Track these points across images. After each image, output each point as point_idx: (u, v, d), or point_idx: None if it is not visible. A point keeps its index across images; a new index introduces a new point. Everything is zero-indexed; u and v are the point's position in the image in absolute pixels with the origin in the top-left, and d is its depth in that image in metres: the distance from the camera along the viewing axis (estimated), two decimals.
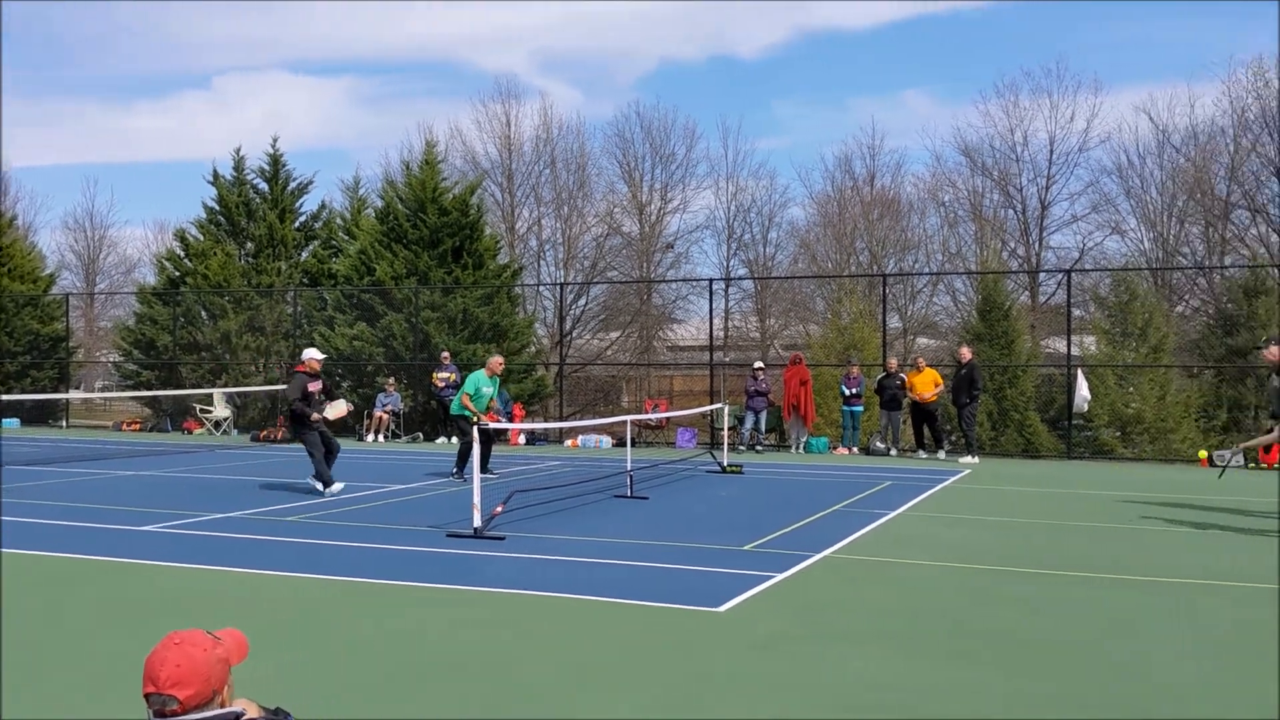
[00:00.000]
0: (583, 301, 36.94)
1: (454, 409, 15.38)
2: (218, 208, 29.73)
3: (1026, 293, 34.76)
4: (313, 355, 13.88)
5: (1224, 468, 14.30)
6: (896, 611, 6.96)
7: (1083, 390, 20.34)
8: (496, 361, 15.20)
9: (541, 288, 36.62)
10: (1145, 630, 6.49)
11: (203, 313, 28.65)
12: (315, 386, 13.54)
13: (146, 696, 2.63)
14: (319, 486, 13.08)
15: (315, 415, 13.18)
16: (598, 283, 37.65)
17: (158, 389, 27.45)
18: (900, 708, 4.95)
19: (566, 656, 5.82)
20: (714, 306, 25.40)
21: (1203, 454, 19.36)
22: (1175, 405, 21.74)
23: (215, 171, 29.83)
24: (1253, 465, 18.60)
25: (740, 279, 39.01)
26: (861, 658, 5.79)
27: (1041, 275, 34.90)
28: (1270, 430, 10.97)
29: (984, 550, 9.40)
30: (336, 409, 13.67)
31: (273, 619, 6.67)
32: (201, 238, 29.52)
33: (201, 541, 9.62)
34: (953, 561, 8.80)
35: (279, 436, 23.13)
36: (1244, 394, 21.86)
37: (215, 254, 28.68)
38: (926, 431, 19.98)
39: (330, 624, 6.59)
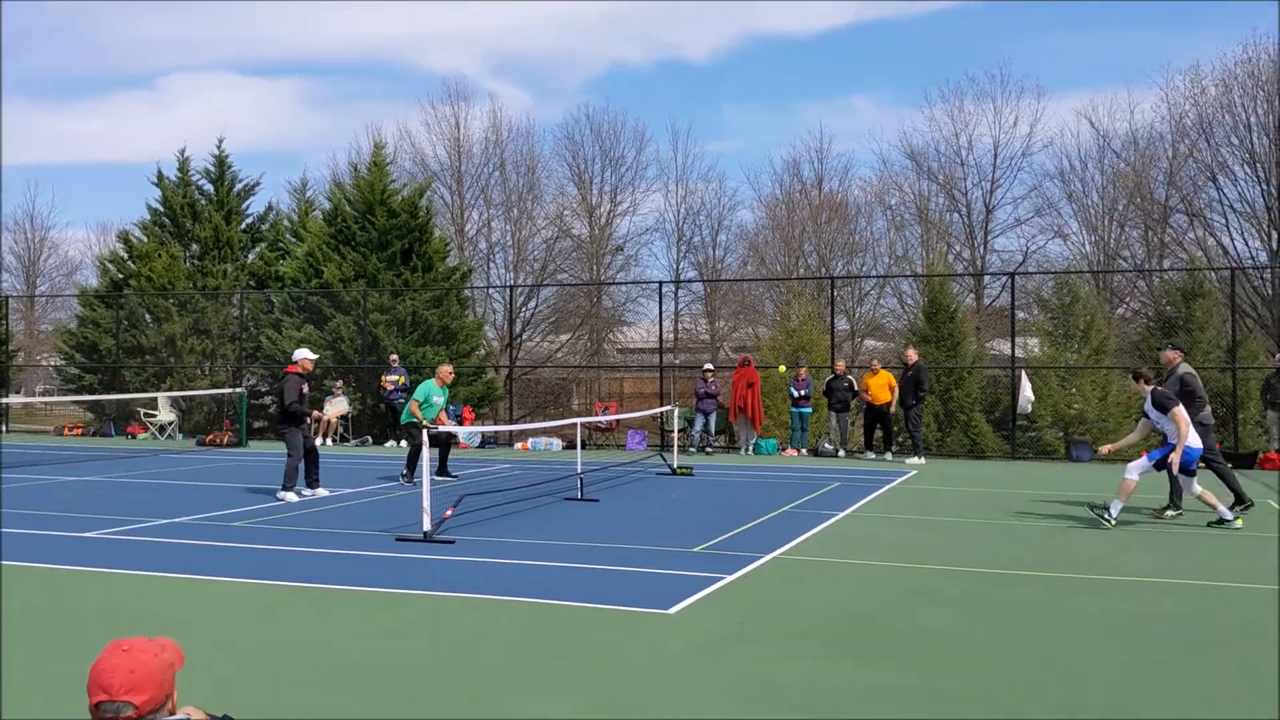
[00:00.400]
0: (533, 304, 36.89)
1: (403, 418, 15.31)
2: (162, 209, 29.33)
3: (971, 295, 35.20)
4: (305, 355, 13.77)
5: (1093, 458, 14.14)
6: (844, 612, 7.05)
7: (1026, 391, 20.65)
8: (446, 370, 15.15)
9: (491, 290, 36.52)
10: (1087, 630, 6.62)
11: (147, 315, 28.23)
12: (306, 387, 13.58)
13: (96, 706, 2.59)
14: (290, 498, 12.88)
15: (316, 413, 13.02)
16: (547, 285, 37.61)
17: (101, 393, 27.01)
18: (843, 709, 5.02)
19: (515, 659, 5.83)
20: (664, 309, 25.50)
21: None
22: (1116, 406, 22.13)
23: (160, 172, 29.46)
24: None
25: (690, 282, 39.19)
26: (809, 659, 5.86)
27: (986, 278, 35.36)
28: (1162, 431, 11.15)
29: (930, 550, 9.53)
30: (337, 407, 13.58)
31: (218, 625, 6.62)
32: (145, 239, 29.10)
33: (146, 548, 9.50)
34: (899, 562, 8.92)
35: (225, 441, 22.87)
36: None
37: (160, 256, 28.27)
38: (878, 433, 20.18)
39: (277, 629, 6.56)
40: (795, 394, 21.19)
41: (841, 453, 20.64)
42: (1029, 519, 11.61)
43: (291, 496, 12.92)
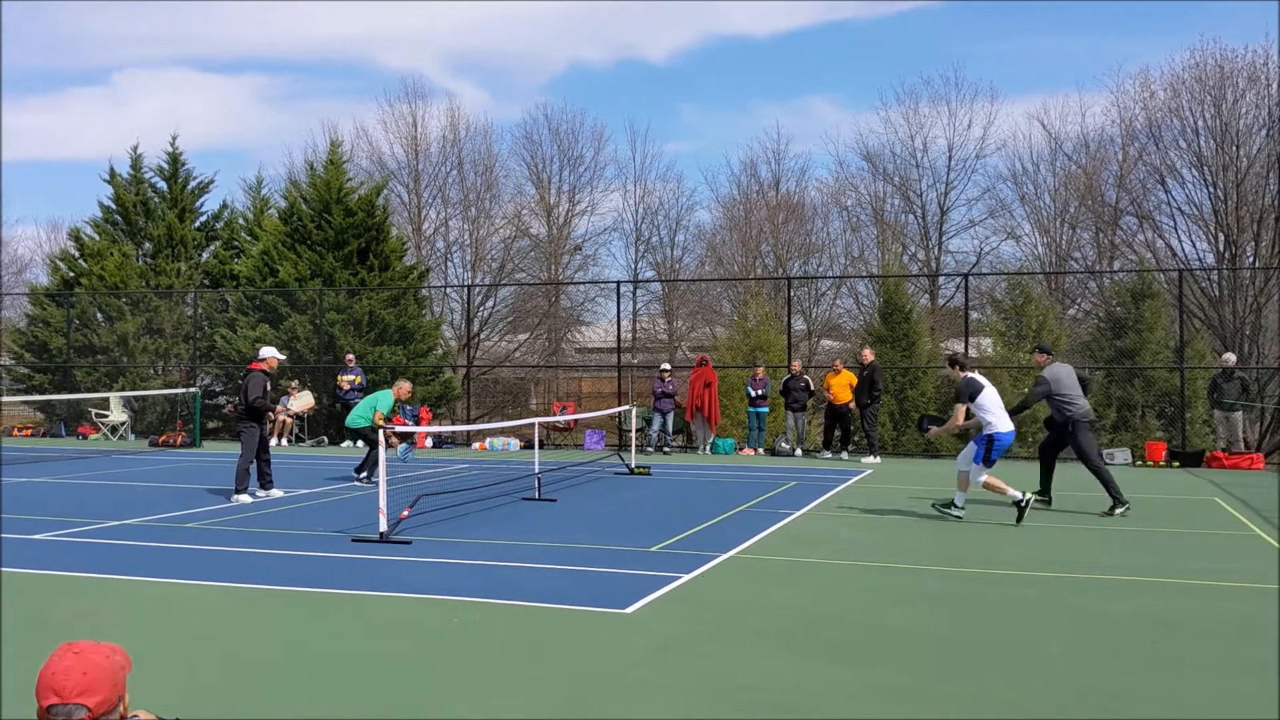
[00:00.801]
0: (490, 303, 36.81)
1: (350, 421, 15.13)
2: (114, 207, 28.98)
3: (926, 296, 35.55)
4: (272, 354, 13.60)
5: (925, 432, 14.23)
6: (799, 611, 7.12)
7: None
8: (405, 389, 15.16)
9: (449, 290, 36.39)
10: (1039, 625, 6.74)
11: (98, 314, 27.87)
12: (269, 385, 13.44)
13: (48, 709, 2.56)
14: (243, 499, 12.79)
15: (279, 409, 12.91)
16: (505, 285, 37.53)
17: (51, 393, 26.62)
18: (802, 708, 5.08)
19: (473, 660, 5.85)
20: (621, 309, 25.53)
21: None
22: None
23: (112, 170, 29.10)
24: (1140, 463, 19.31)
25: (648, 281, 39.28)
26: (764, 657, 5.92)
27: (941, 279, 35.73)
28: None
29: (886, 548, 9.64)
30: (303, 401, 13.47)
31: (171, 628, 6.58)
32: (97, 237, 28.74)
33: (96, 550, 9.40)
34: (855, 560, 9.02)
35: (179, 441, 22.63)
36: (1132, 394, 22.67)
37: (112, 254, 27.92)
38: (836, 432, 20.33)
39: (232, 632, 6.52)
40: (752, 394, 21.32)
41: (798, 452, 20.78)
42: (983, 517, 11.76)
43: (245, 498, 12.83)
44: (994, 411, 11.20)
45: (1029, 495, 11.26)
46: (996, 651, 6.03)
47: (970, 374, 11.65)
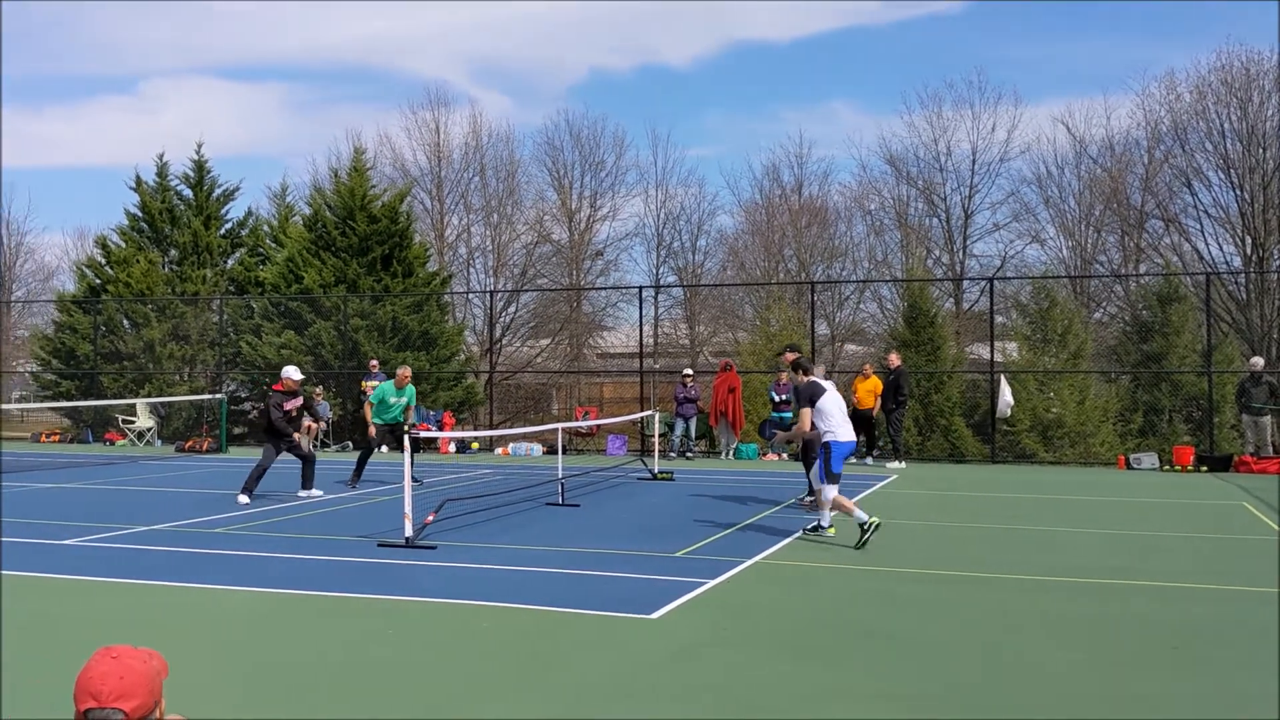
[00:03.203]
0: (512, 309, 36.86)
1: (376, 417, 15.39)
2: (141, 214, 29.24)
3: (951, 300, 35.38)
4: (290, 374, 13.93)
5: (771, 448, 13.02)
6: (825, 617, 7.10)
7: (1005, 395, 20.80)
8: (402, 373, 15.33)
9: (471, 295, 36.48)
10: (1074, 634, 6.68)
11: (125, 321, 28.10)
12: (292, 404, 13.76)
13: (84, 713, 2.58)
14: (242, 500, 13.12)
15: (295, 434, 13.63)
16: (527, 290, 37.57)
17: (78, 399, 26.86)
18: (825, 714, 5.06)
19: (497, 664, 5.85)
20: (643, 314, 25.52)
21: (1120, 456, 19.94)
22: (1094, 409, 22.29)
23: (138, 177, 29.37)
24: (1167, 468, 19.16)
25: (669, 286, 39.22)
26: (789, 664, 5.90)
27: (965, 283, 35.56)
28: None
29: (911, 555, 9.59)
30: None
31: (202, 632, 6.61)
32: (124, 244, 28.99)
33: (125, 555, 9.47)
34: (880, 566, 8.97)
35: (205, 447, 22.78)
36: (1159, 398, 22.49)
37: (138, 261, 28.16)
38: (861, 437, 20.23)
39: (260, 636, 6.55)
40: (776, 398, 21.24)
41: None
42: (1009, 523, 11.69)
43: (244, 499, 13.13)
44: (833, 418, 10.42)
45: (875, 520, 9.95)
46: (1019, 659, 5.99)
47: (813, 377, 10.89)
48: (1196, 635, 6.57)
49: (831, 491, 10.36)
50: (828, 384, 10.90)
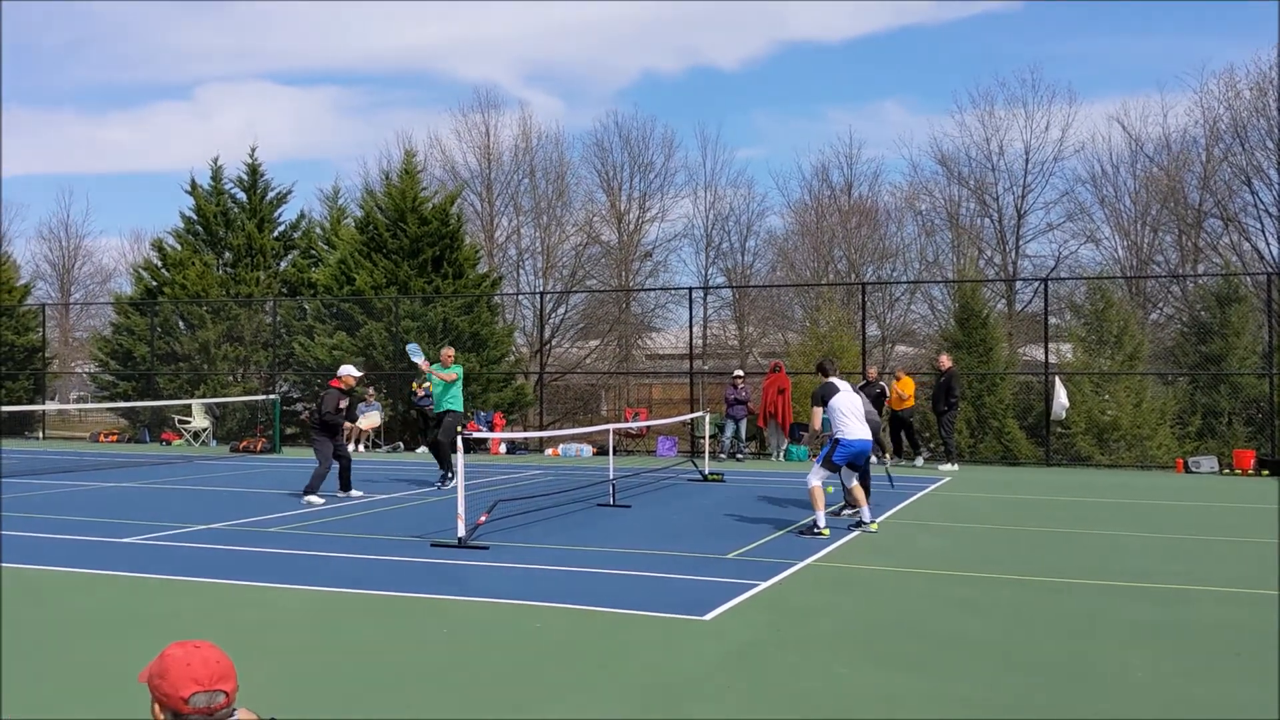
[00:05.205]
0: (562, 310, 36.95)
1: (437, 406, 15.32)
2: (195, 217, 29.65)
3: (1003, 301, 34.94)
4: (349, 372, 14.04)
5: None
6: (878, 620, 7.03)
7: (1061, 397, 20.51)
8: (446, 353, 15.48)
9: (521, 297, 36.62)
10: (1119, 637, 6.57)
11: (180, 323, 28.53)
12: (344, 402, 13.91)
13: (187, 699, 2.63)
14: (314, 501, 13.20)
15: (351, 424, 13.66)
16: (577, 291, 37.64)
17: (135, 400, 27.30)
18: (875, 717, 5.00)
19: (551, 665, 5.85)
20: (693, 315, 25.46)
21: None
22: (1151, 412, 21.91)
23: (193, 181, 29.79)
24: (1227, 471, 18.81)
25: (719, 287, 39.10)
26: (842, 666, 5.85)
27: (1018, 283, 35.08)
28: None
29: (964, 557, 9.48)
30: (370, 420, 13.97)
31: (259, 629, 6.67)
32: (179, 247, 29.42)
33: (184, 553, 9.59)
34: (932, 569, 8.87)
35: (259, 447, 23.05)
36: (1218, 400, 22.07)
37: (193, 264, 28.57)
38: (904, 440, 20.09)
39: (315, 634, 6.60)
40: None
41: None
42: (1063, 526, 11.52)
43: (316, 500, 13.19)
44: (845, 417, 10.78)
45: (826, 531, 10.39)
46: (1074, 664, 5.89)
47: (830, 379, 11.22)
48: (1262, 641, 6.42)
49: (815, 480, 10.70)
50: (844, 384, 11.22)
